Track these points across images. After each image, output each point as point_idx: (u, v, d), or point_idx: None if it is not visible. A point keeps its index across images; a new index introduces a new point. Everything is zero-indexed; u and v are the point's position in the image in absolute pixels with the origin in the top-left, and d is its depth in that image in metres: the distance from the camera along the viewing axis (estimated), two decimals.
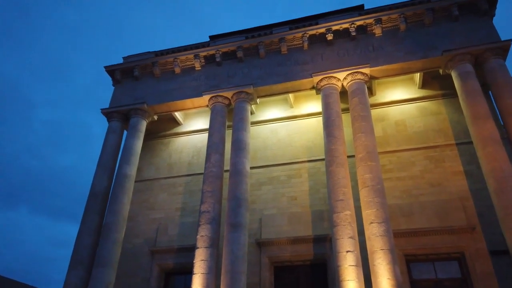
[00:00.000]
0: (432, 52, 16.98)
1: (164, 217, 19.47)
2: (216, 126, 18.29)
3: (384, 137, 18.22)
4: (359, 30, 18.67)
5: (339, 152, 15.52)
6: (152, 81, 21.25)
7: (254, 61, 19.92)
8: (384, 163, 17.46)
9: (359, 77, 17.35)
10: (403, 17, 17.99)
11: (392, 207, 16.13)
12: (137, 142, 19.33)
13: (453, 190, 15.94)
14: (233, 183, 16.18)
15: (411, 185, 16.58)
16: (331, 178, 15.01)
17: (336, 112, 16.72)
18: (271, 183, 18.61)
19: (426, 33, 17.70)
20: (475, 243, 14.49)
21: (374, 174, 14.50)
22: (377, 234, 13.15)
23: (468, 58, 16.22)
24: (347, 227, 13.66)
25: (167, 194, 20.20)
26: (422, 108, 18.57)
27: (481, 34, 16.81)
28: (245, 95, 18.77)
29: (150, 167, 21.48)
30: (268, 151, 19.70)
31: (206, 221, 15.44)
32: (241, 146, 17.23)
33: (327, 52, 18.81)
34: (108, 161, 19.07)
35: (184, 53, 20.82)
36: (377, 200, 13.85)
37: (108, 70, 22.01)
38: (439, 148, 17.15)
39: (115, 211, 17.06)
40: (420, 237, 15.12)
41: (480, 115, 14.62)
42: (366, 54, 18.01)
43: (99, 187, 18.22)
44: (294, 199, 17.86)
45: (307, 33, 19.12)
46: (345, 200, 14.30)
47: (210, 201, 15.95)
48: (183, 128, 22.25)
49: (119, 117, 20.44)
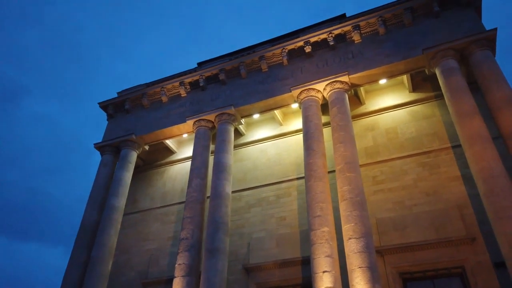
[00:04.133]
0: (413, 52, 15.96)
1: (156, 247, 19.06)
2: (199, 150, 17.98)
3: (374, 146, 17.08)
4: (338, 39, 18.03)
5: (317, 166, 14.62)
6: (142, 112, 21.51)
7: (237, 82, 19.69)
8: (375, 174, 16.27)
9: (338, 86, 16.57)
10: (381, 20, 17.20)
11: (384, 221, 14.83)
12: (126, 174, 19.36)
13: (450, 198, 14.42)
14: (212, 206, 15.61)
15: (404, 196, 15.21)
16: (309, 194, 14.07)
17: (315, 125, 15.93)
18: (260, 205, 17.83)
19: (407, 34, 16.76)
20: (476, 255, 12.82)
21: (353, 186, 13.42)
22: (355, 251, 11.96)
23: (451, 54, 15.05)
24: (324, 245, 12.57)
25: (160, 224, 19.89)
26: (414, 112, 17.34)
27: (465, 27, 15.63)
28: (227, 117, 18.44)
29: (145, 198, 21.39)
30: (257, 171, 19.05)
31: (185, 248, 14.86)
32: (222, 168, 16.74)
33: (306, 65, 18.25)
34: (99, 194, 19.16)
35: (170, 81, 21.02)
36: (355, 214, 12.72)
37: (102, 106, 22.60)
38: (433, 153, 15.76)
39: (102, 244, 16.89)
40: (415, 252, 13.62)
41: (465, 112, 13.32)
42: (345, 62, 17.27)
43: (88, 220, 18.25)
44: (283, 220, 16.93)
45: (286, 48, 18.73)
46: (322, 216, 13.27)
47: (189, 227, 15.41)
48: (177, 156, 22.16)
49: (110, 150, 20.71)
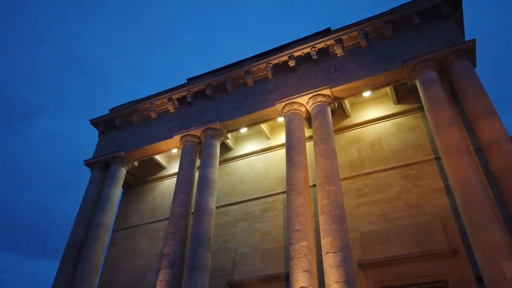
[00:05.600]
0: (394, 64, 16.01)
1: (144, 263, 18.99)
2: (184, 165, 18.04)
3: (359, 159, 17.00)
4: (321, 53, 18.16)
5: (298, 179, 14.57)
6: (131, 129, 21.71)
7: (223, 97, 19.85)
8: (360, 187, 16.15)
9: (320, 100, 16.62)
10: (363, 33, 17.32)
11: (367, 234, 14.65)
12: (114, 190, 19.44)
13: (433, 210, 14.22)
14: (195, 221, 15.57)
15: (388, 209, 15.05)
16: (289, 208, 14.00)
17: (297, 138, 15.94)
18: (247, 219, 17.75)
19: (388, 46, 16.84)
20: (459, 268, 12.55)
21: (331, 199, 13.32)
22: (333, 265, 11.80)
23: (431, 65, 15.07)
24: (302, 259, 12.43)
25: (148, 240, 19.85)
26: (399, 124, 17.29)
27: (444, 39, 15.67)
28: (212, 131, 18.53)
29: (136, 214, 21.41)
30: (245, 185, 19.03)
31: (166, 264, 14.78)
32: (206, 183, 16.76)
33: (290, 79, 18.37)
34: (87, 210, 19.23)
35: (159, 97, 21.24)
36: (333, 227, 12.59)
37: (93, 123, 22.86)
38: (417, 164, 15.63)
39: (87, 261, 16.88)
40: (397, 266, 13.39)
41: (443, 123, 13.25)
42: (328, 76, 17.35)
43: (75, 237, 18.28)
44: (268, 234, 16.81)
45: (271, 63, 18.89)
46: (301, 230, 13.15)
47: (171, 243, 15.35)
48: (167, 171, 22.24)
49: (100, 166, 20.86)
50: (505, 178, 11.36)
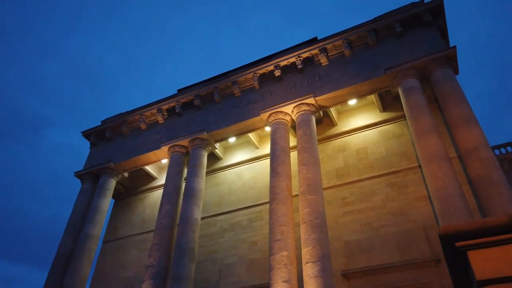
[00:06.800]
0: (376, 73, 16.05)
1: (133, 275, 18.93)
2: (171, 176, 18.07)
3: (345, 167, 16.96)
4: (306, 62, 18.25)
5: (280, 189, 14.54)
6: (121, 140, 21.83)
7: (211, 107, 19.95)
8: (345, 196, 16.09)
9: (304, 109, 16.66)
10: (346, 42, 17.41)
11: (351, 243, 14.56)
12: (103, 201, 19.48)
13: (416, 218, 14.13)
14: (180, 232, 15.55)
15: (372, 217, 14.96)
16: (271, 217, 13.96)
17: (281, 147, 15.95)
18: (234, 229, 17.69)
19: (372, 55, 16.90)
20: (441, 277, 12.41)
21: (312, 209, 13.27)
22: (311, 275, 11.71)
23: (412, 73, 15.09)
24: (282, 269, 12.34)
25: (138, 251, 19.81)
26: (385, 132, 17.27)
27: (426, 47, 15.72)
28: (200, 141, 18.59)
29: (125, 225, 21.41)
30: (233, 195, 19.01)
31: (150, 276, 14.73)
32: (191, 193, 16.75)
33: (276, 88, 18.45)
34: (76, 222, 19.25)
35: (149, 108, 21.39)
36: (313, 237, 12.52)
37: (85, 135, 23.01)
38: (402, 172, 15.58)
39: (74, 272, 16.86)
40: (380, 275, 13.29)
41: (423, 130, 13.21)
42: (312, 85, 17.41)
43: (64, 248, 18.28)
44: (254, 244, 16.74)
45: (257, 73, 19.01)
46: (282, 240, 13.09)
47: (155, 254, 15.32)
48: (157, 182, 22.27)
49: (90, 178, 20.94)
50: (483, 186, 11.27)
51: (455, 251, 3.14)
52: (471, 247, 3.02)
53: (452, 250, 3.16)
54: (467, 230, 3.03)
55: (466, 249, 3.05)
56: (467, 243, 3.02)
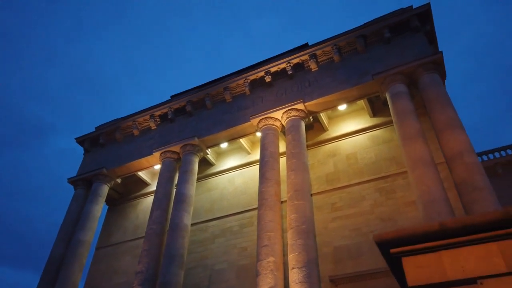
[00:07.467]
0: (365, 78, 16.13)
1: (125, 281, 18.92)
2: (162, 182, 18.13)
3: (335, 173, 16.99)
4: (296, 68, 18.36)
5: (268, 194, 14.58)
6: (114, 146, 21.93)
7: (203, 113, 20.06)
8: (334, 201, 16.10)
9: (294, 114, 16.74)
10: (336, 48, 17.51)
11: (340, 249, 14.56)
12: (95, 207, 19.54)
13: (405, 224, 14.11)
14: (169, 238, 15.58)
15: (361, 222, 14.97)
16: (259, 223, 13.99)
17: (270, 153, 16.01)
18: (224, 235, 17.71)
19: (360, 60, 16.99)
20: None
21: (299, 214, 13.30)
22: (297, 281, 11.71)
23: (399, 78, 15.16)
24: (268, 275, 12.35)
25: (130, 257, 19.83)
26: (374, 137, 17.31)
27: (414, 52, 15.79)
28: (191, 147, 18.67)
29: (119, 231, 21.44)
30: (224, 201, 19.05)
31: (139, 282, 14.74)
32: (182, 199, 16.81)
33: (267, 95, 18.55)
34: (68, 228, 19.31)
35: (141, 114, 21.50)
36: (299, 243, 12.54)
37: (78, 141, 23.13)
38: (391, 177, 15.60)
39: (65, 279, 16.88)
40: (367, 281, 13.27)
41: (409, 135, 13.26)
42: (302, 90, 17.51)
43: (55, 255, 18.33)
44: (244, 250, 16.74)
45: (248, 79, 19.12)
46: (269, 245, 13.11)
47: (145, 260, 15.34)
48: (150, 188, 22.31)
49: (83, 184, 21.02)
50: (467, 191, 11.29)
51: (391, 258, 3.19)
52: (404, 253, 3.07)
53: (388, 257, 3.20)
54: (401, 236, 3.07)
55: (400, 256, 3.09)
56: (400, 250, 3.06)
